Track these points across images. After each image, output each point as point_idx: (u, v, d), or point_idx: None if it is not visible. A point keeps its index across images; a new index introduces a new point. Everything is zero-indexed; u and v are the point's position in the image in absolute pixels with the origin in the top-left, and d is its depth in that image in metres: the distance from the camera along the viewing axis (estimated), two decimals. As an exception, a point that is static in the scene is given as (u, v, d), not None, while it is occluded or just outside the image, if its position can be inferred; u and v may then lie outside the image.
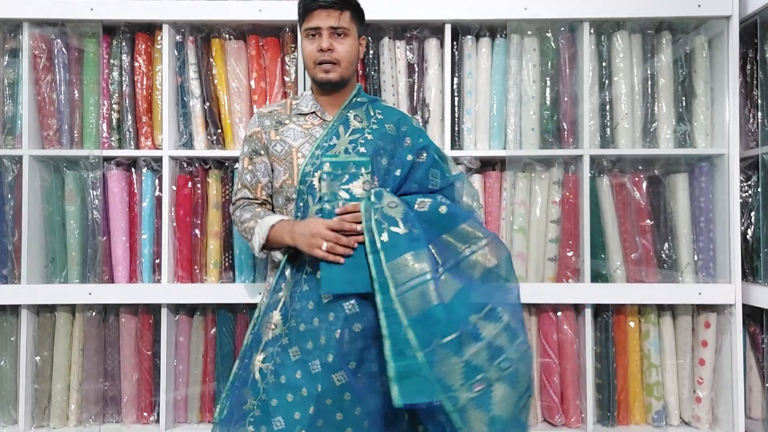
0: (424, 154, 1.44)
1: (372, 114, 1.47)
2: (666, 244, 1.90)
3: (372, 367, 1.29)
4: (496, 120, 1.91)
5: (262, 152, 1.46)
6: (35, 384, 1.87)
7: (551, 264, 1.89)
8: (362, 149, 1.39)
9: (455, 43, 1.92)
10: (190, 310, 1.94)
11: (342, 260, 1.27)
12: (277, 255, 1.40)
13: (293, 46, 1.90)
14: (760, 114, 1.86)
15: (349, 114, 1.45)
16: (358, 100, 1.49)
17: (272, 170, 1.44)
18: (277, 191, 1.44)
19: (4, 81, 1.89)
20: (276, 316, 1.37)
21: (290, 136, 1.43)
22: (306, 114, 1.47)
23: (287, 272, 1.39)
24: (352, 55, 1.44)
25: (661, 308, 1.91)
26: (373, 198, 1.29)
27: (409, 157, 1.41)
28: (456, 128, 1.93)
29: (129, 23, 1.89)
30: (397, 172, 1.39)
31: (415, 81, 1.92)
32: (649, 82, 1.91)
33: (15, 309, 1.87)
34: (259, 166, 1.46)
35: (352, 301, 1.29)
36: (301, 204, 1.37)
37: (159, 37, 1.89)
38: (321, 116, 1.46)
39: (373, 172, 1.36)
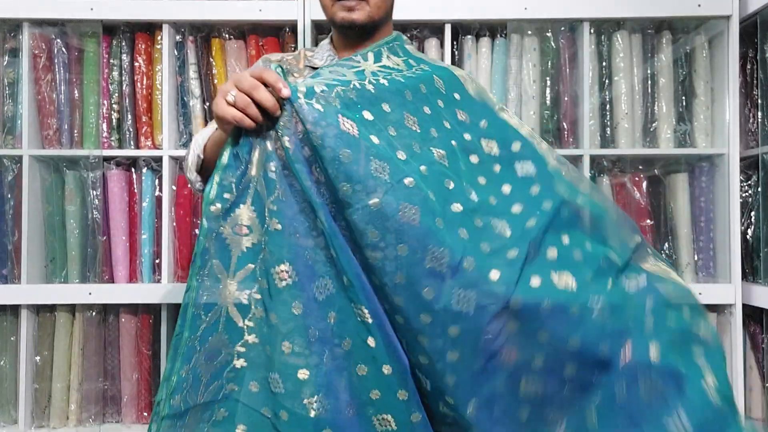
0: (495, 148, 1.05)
1: (414, 65, 1.09)
2: (666, 244, 1.89)
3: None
4: (496, 120, 1.91)
5: None
6: (35, 384, 1.87)
7: (551, 264, 1.89)
8: (384, 81, 0.98)
9: (455, 43, 1.92)
10: (190, 310, 1.94)
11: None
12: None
13: (293, 46, 1.90)
14: (760, 114, 1.86)
15: (382, 49, 1.08)
16: (397, 44, 1.12)
17: None
18: None
19: (4, 81, 1.89)
20: (245, 212, 0.89)
21: None
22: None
23: (251, 138, 0.89)
24: None
25: (661, 308, 1.91)
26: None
27: (468, 137, 1.03)
28: (456, 128, 1.93)
29: (129, 23, 1.89)
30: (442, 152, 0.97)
31: (415, 81, 1.92)
32: (649, 82, 1.91)
33: (15, 309, 1.87)
34: None
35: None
36: None
37: (159, 37, 1.89)
38: None
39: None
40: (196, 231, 1.90)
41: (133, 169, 1.93)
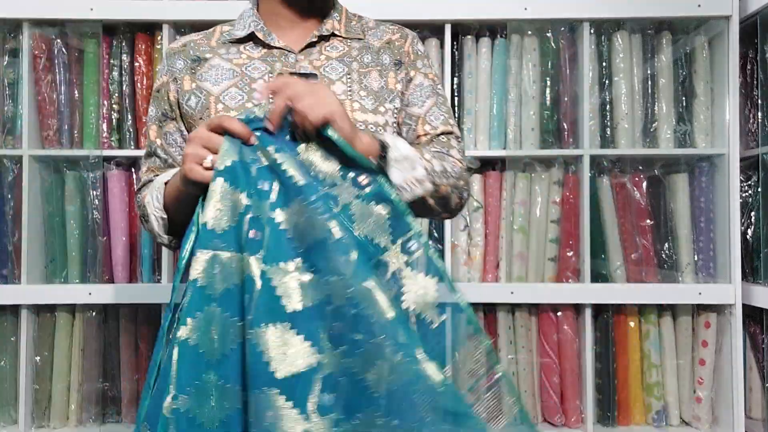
0: None
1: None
2: (666, 244, 1.90)
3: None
4: (496, 120, 1.91)
5: (174, 114, 0.95)
6: (35, 384, 1.87)
7: (551, 264, 1.89)
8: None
9: (455, 43, 1.92)
10: (190, 310, 1.93)
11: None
12: None
13: (293, 46, 1.90)
14: (760, 114, 1.86)
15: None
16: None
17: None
18: None
19: (4, 81, 1.89)
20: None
21: (211, 77, 0.92)
22: (240, 41, 0.95)
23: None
24: None
25: (661, 308, 1.91)
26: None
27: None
28: (456, 128, 1.93)
29: (129, 23, 1.89)
30: None
31: (415, 81, 1.92)
32: (649, 82, 1.91)
33: (15, 309, 1.87)
34: (173, 136, 0.96)
35: None
36: None
37: (159, 38, 1.89)
38: (266, 41, 0.93)
39: None
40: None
41: (133, 170, 1.93)
